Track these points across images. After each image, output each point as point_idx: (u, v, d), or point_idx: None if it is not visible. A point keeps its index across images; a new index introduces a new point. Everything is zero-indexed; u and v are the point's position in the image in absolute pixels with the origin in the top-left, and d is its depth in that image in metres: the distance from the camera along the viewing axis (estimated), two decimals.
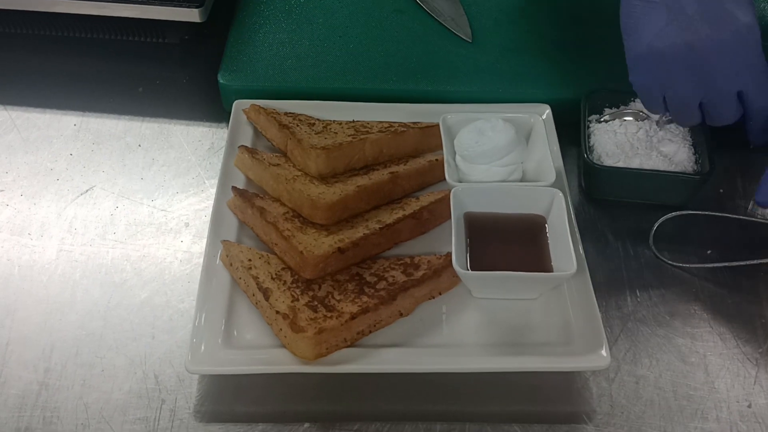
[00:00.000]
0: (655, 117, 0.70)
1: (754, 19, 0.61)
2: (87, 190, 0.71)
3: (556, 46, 0.79)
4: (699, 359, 0.61)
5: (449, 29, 0.81)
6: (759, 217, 0.70)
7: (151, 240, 0.67)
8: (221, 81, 0.75)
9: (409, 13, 0.82)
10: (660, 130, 0.70)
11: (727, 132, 0.67)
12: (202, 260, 0.63)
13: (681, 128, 0.70)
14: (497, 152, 0.66)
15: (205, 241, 0.65)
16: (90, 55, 0.82)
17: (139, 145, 0.74)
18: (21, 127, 0.75)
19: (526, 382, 0.59)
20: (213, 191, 0.69)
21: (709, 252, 0.67)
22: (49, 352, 0.60)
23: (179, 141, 0.75)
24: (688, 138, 0.70)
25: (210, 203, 0.68)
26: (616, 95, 0.73)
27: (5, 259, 0.65)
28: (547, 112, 0.73)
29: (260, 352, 0.58)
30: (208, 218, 0.67)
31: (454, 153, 0.68)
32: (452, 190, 0.63)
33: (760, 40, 0.61)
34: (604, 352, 0.57)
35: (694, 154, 0.69)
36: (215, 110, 0.77)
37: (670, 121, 0.69)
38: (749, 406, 0.58)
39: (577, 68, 0.77)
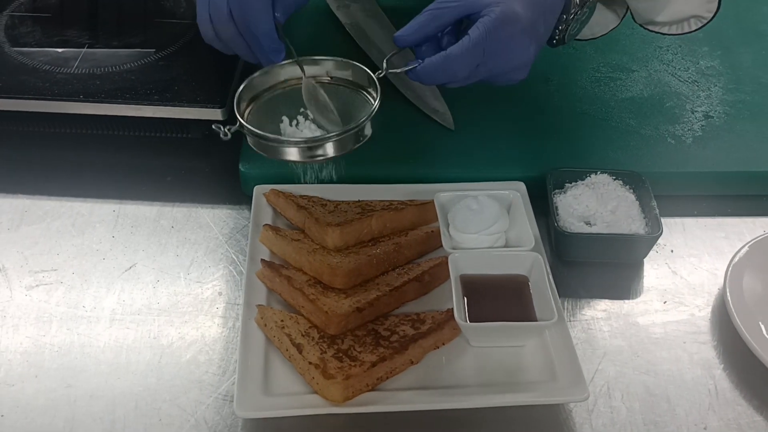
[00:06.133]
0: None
1: None
2: (130, 267, 0.80)
3: (524, 133, 0.91)
4: (662, 391, 0.71)
5: (435, 120, 0.93)
6: None
7: (190, 308, 0.77)
8: (242, 169, 0.86)
9: (400, 109, 0.94)
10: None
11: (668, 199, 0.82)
12: (236, 323, 0.74)
13: (631, 196, 0.82)
14: (484, 223, 0.76)
15: (237, 307, 0.76)
16: (124, 149, 0.92)
17: (172, 227, 0.85)
18: (66, 215, 0.85)
19: (519, 415, 0.69)
20: (240, 264, 0.80)
21: (665, 302, 0.80)
22: (112, 406, 0.68)
23: (207, 222, 0.85)
24: (638, 205, 0.82)
25: (238, 275, 0.79)
26: (574, 172, 0.85)
27: (65, 329, 0.74)
28: (523, 188, 0.83)
29: (295, 398, 0.67)
30: (239, 287, 0.77)
31: (448, 225, 0.78)
32: (450, 256, 0.74)
33: None
34: (583, 387, 0.67)
35: (644, 218, 0.81)
36: (235, 195, 0.87)
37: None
38: (705, 429, 0.69)
39: (543, 151, 0.90)
